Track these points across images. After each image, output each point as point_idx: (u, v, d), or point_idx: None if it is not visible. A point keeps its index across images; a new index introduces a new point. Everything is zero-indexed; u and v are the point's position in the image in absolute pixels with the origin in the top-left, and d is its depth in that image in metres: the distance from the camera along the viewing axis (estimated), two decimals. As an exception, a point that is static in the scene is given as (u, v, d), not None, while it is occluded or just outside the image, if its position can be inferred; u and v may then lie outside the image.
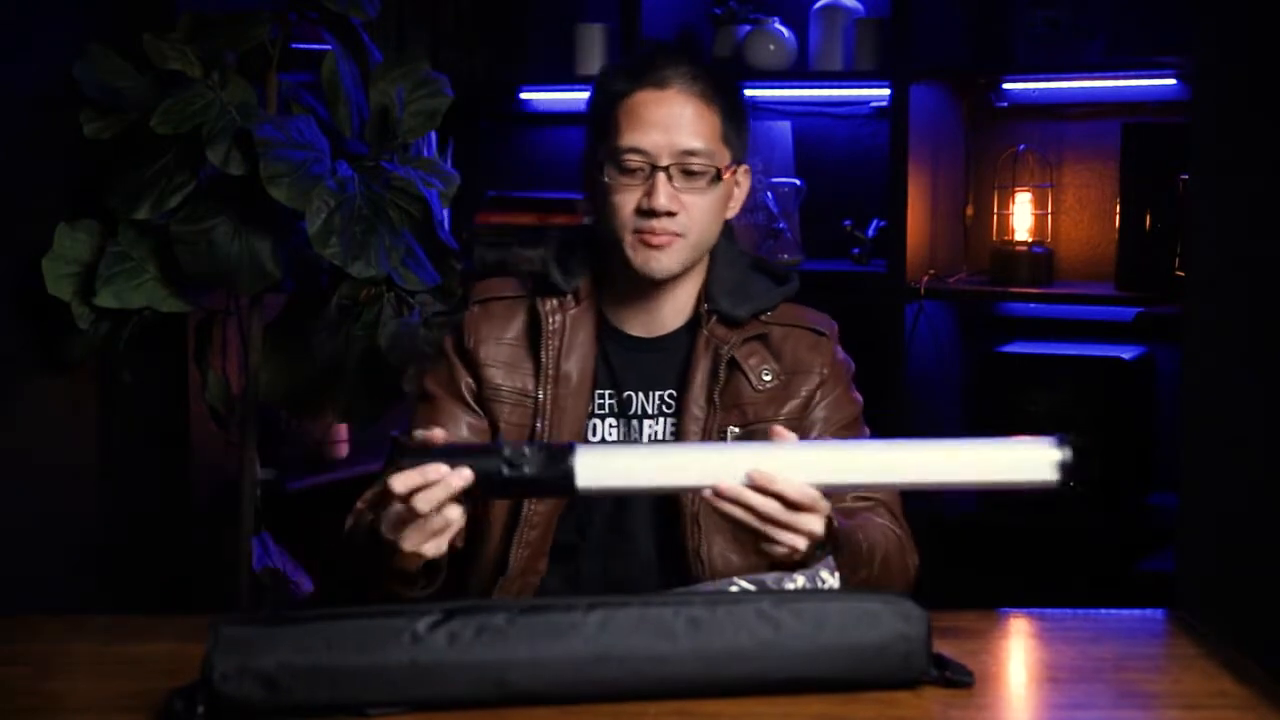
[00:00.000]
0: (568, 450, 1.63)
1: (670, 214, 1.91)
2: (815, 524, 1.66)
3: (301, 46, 3.02)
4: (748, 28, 3.55)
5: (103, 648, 1.76)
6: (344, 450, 3.57)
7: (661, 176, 1.91)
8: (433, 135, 3.13)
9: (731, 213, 2.02)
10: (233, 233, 2.74)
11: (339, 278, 2.81)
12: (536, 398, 1.99)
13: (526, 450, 1.62)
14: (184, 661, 1.58)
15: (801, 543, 1.67)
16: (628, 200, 1.93)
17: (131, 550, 3.10)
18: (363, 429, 3.38)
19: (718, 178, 1.94)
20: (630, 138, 1.92)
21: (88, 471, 3.03)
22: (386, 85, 2.88)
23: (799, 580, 1.64)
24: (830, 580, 1.65)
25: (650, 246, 1.92)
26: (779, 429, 1.72)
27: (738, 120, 1.98)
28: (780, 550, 1.67)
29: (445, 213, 3.06)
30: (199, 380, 2.94)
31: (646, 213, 1.91)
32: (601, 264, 2.01)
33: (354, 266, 2.68)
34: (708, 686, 1.51)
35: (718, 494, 1.64)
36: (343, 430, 3.55)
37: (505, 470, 1.61)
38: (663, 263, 1.93)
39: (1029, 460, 1.61)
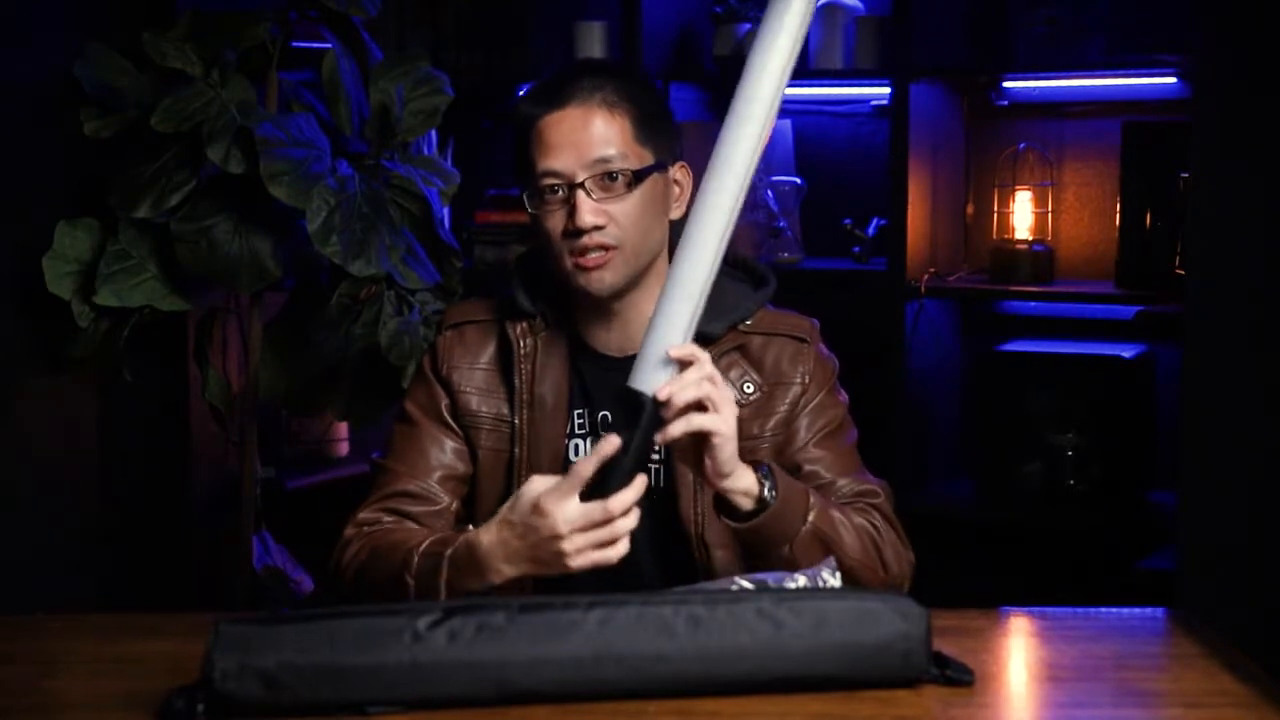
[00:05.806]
0: None
1: (598, 227, 1.90)
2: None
3: (302, 45, 3.02)
4: (748, 26, 3.54)
5: (103, 647, 1.76)
6: (344, 449, 3.57)
7: (580, 193, 1.90)
8: (433, 134, 3.13)
9: (676, 214, 1.99)
10: (233, 231, 2.74)
11: (339, 276, 2.80)
12: (512, 423, 1.98)
13: None
14: (184, 661, 1.58)
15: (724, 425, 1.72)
16: (556, 224, 1.92)
17: (131, 550, 3.09)
18: (363, 427, 3.39)
19: (636, 180, 1.92)
20: (542, 162, 1.92)
21: (88, 471, 3.03)
22: (387, 84, 2.87)
23: (800, 579, 1.64)
24: (832, 580, 1.65)
25: (587, 269, 1.91)
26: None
27: (653, 120, 1.96)
28: (724, 457, 1.72)
29: (445, 211, 3.06)
30: (199, 379, 2.94)
31: (574, 233, 1.90)
32: (563, 286, 1.99)
33: (354, 265, 2.68)
34: (707, 685, 1.51)
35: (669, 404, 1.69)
36: (343, 429, 3.55)
37: None
38: (605, 280, 1.92)
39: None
